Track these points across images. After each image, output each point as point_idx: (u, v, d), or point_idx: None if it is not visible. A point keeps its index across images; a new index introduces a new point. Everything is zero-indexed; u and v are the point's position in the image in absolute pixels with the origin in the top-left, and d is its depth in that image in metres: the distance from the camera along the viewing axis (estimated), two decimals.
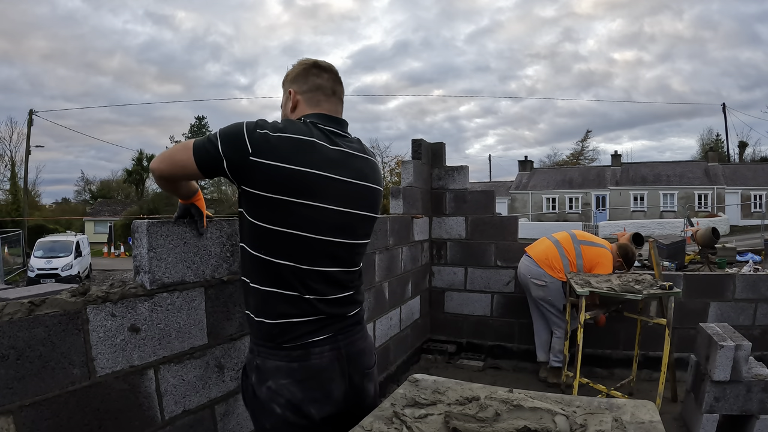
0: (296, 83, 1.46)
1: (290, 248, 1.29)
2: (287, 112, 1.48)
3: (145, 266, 1.56)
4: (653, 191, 31.38)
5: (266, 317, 1.33)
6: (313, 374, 1.33)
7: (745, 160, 37.86)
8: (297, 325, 1.32)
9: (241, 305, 1.94)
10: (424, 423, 1.14)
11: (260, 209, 1.28)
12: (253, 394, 1.36)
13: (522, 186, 35.36)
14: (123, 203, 39.54)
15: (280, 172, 1.24)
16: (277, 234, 1.28)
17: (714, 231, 5.22)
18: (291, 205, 1.26)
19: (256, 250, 1.31)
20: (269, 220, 1.27)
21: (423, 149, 4.48)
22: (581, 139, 48.02)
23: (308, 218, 1.29)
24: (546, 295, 3.84)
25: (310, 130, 1.32)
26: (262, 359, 1.34)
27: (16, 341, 1.23)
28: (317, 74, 1.44)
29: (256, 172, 1.24)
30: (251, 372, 1.37)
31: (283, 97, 1.52)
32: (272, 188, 1.25)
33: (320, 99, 1.43)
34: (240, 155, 1.24)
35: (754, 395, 2.72)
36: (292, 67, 1.50)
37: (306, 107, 1.43)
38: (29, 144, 26.51)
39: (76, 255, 16.57)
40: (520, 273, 4.03)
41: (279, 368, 1.31)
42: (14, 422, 1.22)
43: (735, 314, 3.81)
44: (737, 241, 12.93)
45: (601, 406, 1.21)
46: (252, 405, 1.39)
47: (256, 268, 1.33)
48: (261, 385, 1.33)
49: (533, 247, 4.07)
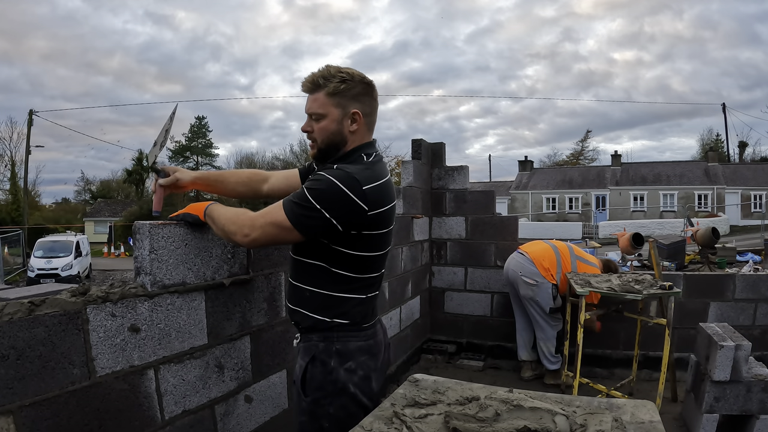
0: (361, 103, 1.43)
1: (374, 264, 1.50)
2: (345, 130, 1.42)
3: (147, 268, 1.57)
4: (653, 191, 31.38)
5: (352, 316, 1.49)
6: (379, 347, 1.56)
7: (745, 160, 37.85)
8: (369, 311, 1.54)
9: (241, 305, 1.94)
10: (424, 423, 1.14)
11: (361, 243, 1.42)
12: (325, 378, 1.45)
13: (522, 186, 35.36)
14: (123, 203, 39.52)
15: (386, 214, 1.43)
16: (371, 258, 1.47)
17: (714, 231, 5.22)
18: (385, 234, 1.48)
19: (345, 269, 1.46)
20: (368, 249, 1.45)
21: (423, 149, 4.48)
22: (581, 139, 48.07)
23: (388, 237, 1.52)
24: (534, 295, 3.80)
25: (384, 167, 1.46)
26: (343, 343, 1.47)
27: (16, 341, 1.23)
28: (376, 97, 1.49)
29: (371, 221, 1.39)
30: (330, 357, 1.46)
31: (332, 110, 1.41)
32: (379, 227, 1.43)
33: (374, 122, 1.51)
34: (358, 215, 1.35)
35: (754, 395, 2.72)
36: (341, 80, 1.39)
37: (365, 129, 1.47)
38: (29, 144, 26.52)
39: (76, 255, 16.58)
40: (510, 269, 3.96)
41: (360, 348, 1.49)
42: (14, 422, 1.22)
43: (735, 314, 3.81)
44: (737, 241, 12.93)
45: (601, 406, 1.21)
46: (321, 389, 1.45)
47: (342, 281, 1.47)
48: (341, 366, 1.45)
49: (529, 246, 4.03)
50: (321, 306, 1.48)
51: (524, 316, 3.99)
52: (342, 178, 1.32)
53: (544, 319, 3.82)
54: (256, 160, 45.71)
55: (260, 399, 2.05)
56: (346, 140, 1.44)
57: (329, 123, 1.42)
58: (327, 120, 1.42)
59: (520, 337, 4.06)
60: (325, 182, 1.32)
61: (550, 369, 3.87)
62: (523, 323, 4.02)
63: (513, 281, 3.94)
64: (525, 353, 4.03)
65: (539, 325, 3.86)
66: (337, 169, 1.36)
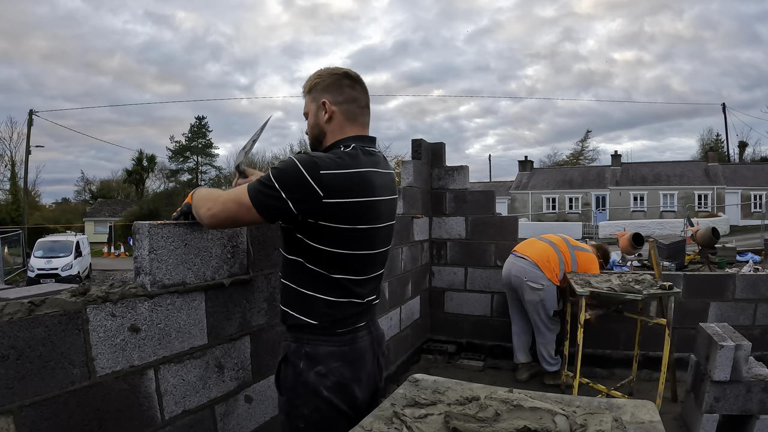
0: (329, 93, 1.45)
1: (350, 265, 1.43)
2: (321, 121, 1.47)
3: (146, 268, 1.57)
4: (653, 191, 31.38)
5: (319, 317, 1.43)
6: (359, 355, 1.48)
7: (745, 160, 37.86)
8: (348, 315, 1.47)
9: (241, 306, 1.94)
10: (424, 423, 1.14)
11: (325, 237, 1.37)
12: (296, 379, 1.43)
13: (522, 186, 35.36)
14: (123, 203, 39.54)
15: (348, 206, 1.35)
16: (339, 255, 1.40)
17: (714, 231, 5.21)
18: (354, 230, 1.39)
19: (315, 266, 1.41)
20: (334, 245, 1.38)
21: (423, 149, 4.48)
22: (581, 139, 48.08)
23: (367, 238, 1.43)
24: (541, 299, 3.71)
25: (362, 160, 1.40)
26: (313, 346, 1.43)
27: (16, 341, 1.23)
28: (351, 85, 1.47)
29: (327, 211, 1.33)
30: (299, 359, 1.43)
31: (311, 105, 1.49)
32: (340, 220, 1.35)
33: (356, 112, 1.48)
34: (312, 200, 1.30)
35: (754, 395, 2.72)
36: (317, 75, 1.48)
37: (343, 119, 1.46)
38: (29, 144, 26.55)
39: (76, 255, 16.59)
40: (512, 275, 3.84)
41: (332, 353, 1.43)
42: (14, 422, 1.22)
43: (735, 314, 3.81)
44: (737, 241, 12.93)
45: (601, 406, 1.21)
46: (293, 391, 1.44)
47: (312, 279, 1.43)
48: (310, 370, 1.42)
49: (527, 248, 3.91)
50: (290, 301, 1.47)
51: (523, 319, 3.96)
52: (303, 160, 1.31)
53: (545, 324, 3.77)
54: (256, 160, 45.69)
55: (260, 399, 2.05)
56: (324, 131, 1.48)
57: (311, 118, 1.50)
58: (309, 116, 1.51)
59: (518, 340, 4.01)
60: (286, 162, 1.33)
61: (550, 371, 3.85)
62: (522, 326, 3.99)
63: (516, 287, 3.83)
64: (523, 356, 4.00)
65: (540, 331, 3.81)
66: (303, 153, 1.36)
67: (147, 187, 43.85)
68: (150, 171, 43.85)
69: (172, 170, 43.63)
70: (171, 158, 43.40)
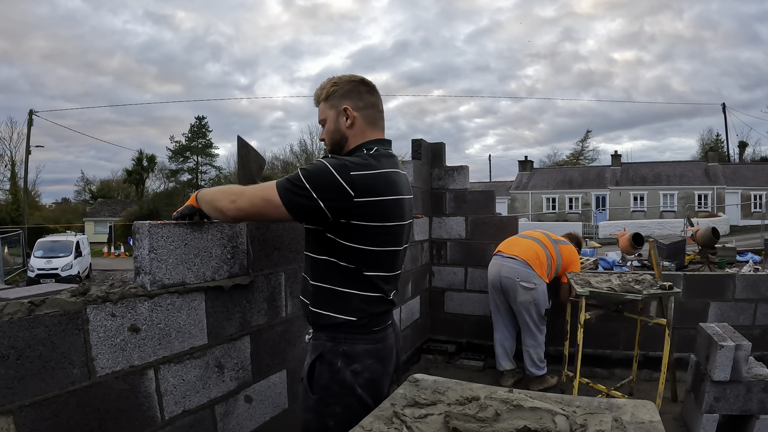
0: (350, 100, 1.51)
1: (381, 261, 1.49)
2: (342, 127, 1.51)
3: (146, 267, 1.57)
4: (653, 191, 31.38)
5: (356, 312, 1.48)
6: (389, 352, 1.56)
7: (745, 160, 37.85)
8: (380, 312, 1.53)
9: (241, 306, 1.94)
10: (424, 423, 1.14)
11: (356, 235, 1.42)
12: (332, 378, 1.45)
13: (522, 186, 35.36)
14: (123, 203, 39.54)
15: (378, 205, 1.41)
16: (371, 252, 1.46)
17: (714, 231, 5.21)
18: (384, 228, 1.45)
19: (349, 263, 1.46)
20: (366, 242, 1.44)
21: (423, 149, 4.48)
22: (581, 139, 48.10)
23: (394, 235, 1.49)
24: (534, 299, 3.62)
25: (384, 162, 1.46)
26: (350, 345, 1.47)
27: (16, 341, 1.23)
28: (369, 92, 1.54)
29: (358, 210, 1.38)
30: (336, 358, 1.46)
31: (329, 112, 1.53)
32: (371, 218, 1.41)
33: (375, 116, 1.55)
34: (343, 200, 1.35)
35: (754, 395, 2.72)
36: (333, 83, 1.53)
37: (364, 124, 1.52)
38: (29, 144, 26.54)
39: (76, 255, 16.58)
40: (503, 276, 3.69)
41: (367, 351, 1.48)
42: (14, 422, 1.22)
43: (735, 314, 3.81)
44: (737, 241, 12.93)
45: (601, 406, 1.21)
46: (327, 389, 1.46)
47: (347, 277, 1.47)
48: (347, 368, 1.46)
49: (512, 247, 3.79)
50: (325, 301, 1.49)
51: (509, 324, 3.84)
52: (332, 163, 1.37)
53: (537, 325, 3.69)
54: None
55: (260, 399, 2.05)
56: (345, 136, 1.52)
57: (330, 124, 1.54)
58: (328, 123, 1.54)
59: (501, 348, 3.88)
60: (317, 165, 1.38)
61: (538, 375, 3.73)
62: (506, 333, 3.86)
63: (507, 289, 3.69)
64: (508, 363, 3.88)
65: (531, 332, 3.70)
66: (332, 158, 1.42)
67: (147, 187, 43.87)
68: (150, 171, 43.86)
69: (172, 170, 43.64)
70: (171, 158, 43.42)
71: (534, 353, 3.71)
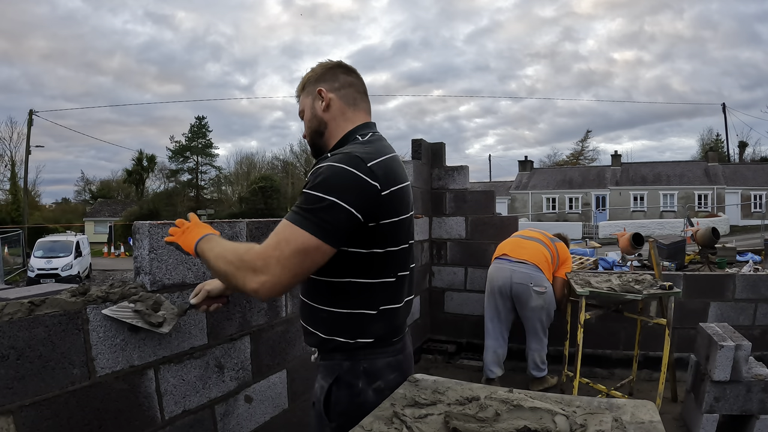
0: (324, 82, 1.35)
1: (399, 262, 1.30)
2: (318, 112, 1.35)
3: (146, 267, 1.57)
4: (653, 191, 31.38)
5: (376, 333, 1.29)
6: (409, 360, 1.41)
7: (745, 160, 37.85)
8: (402, 323, 1.37)
9: (241, 305, 1.94)
10: (424, 423, 1.14)
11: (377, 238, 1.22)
12: (352, 401, 1.27)
13: (522, 186, 35.36)
14: (123, 203, 39.53)
15: (398, 194, 1.23)
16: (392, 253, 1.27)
17: (714, 231, 5.21)
18: (402, 221, 1.27)
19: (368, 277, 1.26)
20: (388, 243, 1.25)
21: (423, 149, 4.48)
22: (581, 139, 48.12)
23: (408, 227, 1.32)
24: (545, 303, 3.56)
25: (385, 146, 1.29)
26: (370, 361, 1.29)
27: (16, 341, 1.23)
28: (345, 72, 1.38)
29: (386, 204, 1.19)
30: (356, 379, 1.28)
31: (306, 101, 1.39)
32: (394, 212, 1.23)
33: (355, 96, 1.37)
34: (372, 196, 1.16)
35: (754, 395, 2.72)
36: (309, 71, 1.40)
37: (343, 105, 1.34)
38: (29, 144, 26.56)
39: (76, 255, 16.58)
40: (513, 282, 3.58)
41: (389, 364, 1.32)
42: (14, 422, 1.22)
43: (735, 314, 3.81)
44: (737, 241, 12.94)
45: (601, 406, 1.21)
46: (345, 416, 1.25)
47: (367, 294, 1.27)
48: (369, 387, 1.29)
49: (519, 250, 3.68)
50: (341, 328, 1.28)
51: (505, 330, 3.76)
52: (342, 159, 1.16)
53: (545, 329, 3.65)
54: (256, 160, 45.78)
55: (260, 399, 2.06)
56: (324, 121, 1.35)
57: (307, 113, 1.39)
58: (306, 112, 1.39)
59: (495, 354, 3.75)
60: (325, 170, 1.14)
61: (539, 377, 3.71)
62: (501, 340, 3.77)
63: (518, 295, 3.58)
64: (498, 369, 3.79)
65: (538, 337, 3.64)
66: (333, 155, 1.20)
67: (147, 187, 43.87)
68: (150, 171, 43.86)
69: (172, 170, 43.64)
70: (171, 158, 43.42)
71: (537, 356, 3.69)
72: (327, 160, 1.19)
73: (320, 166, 1.17)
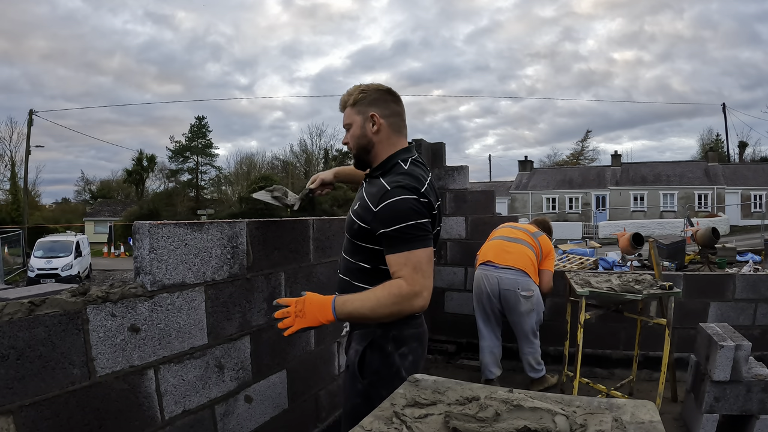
0: (377, 107, 1.60)
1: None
2: (368, 132, 1.60)
3: (146, 267, 1.57)
4: (653, 191, 31.38)
5: None
6: (425, 335, 1.69)
7: (745, 160, 37.85)
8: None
9: (241, 305, 1.94)
10: (424, 423, 1.14)
11: None
12: (383, 362, 1.56)
13: (522, 186, 35.37)
14: (123, 203, 39.52)
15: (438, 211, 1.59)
16: None
17: (714, 231, 5.22)
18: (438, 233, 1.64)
19: None
20: None
21: (423, 149, 4.48)
22: (581, 139, 48.09)
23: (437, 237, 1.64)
24: (533, 306, 3.57)
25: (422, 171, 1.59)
26: (398, 329, 1.57)
27: (16, 341, 1.23)
28: (394, 101, 1.64)
29: (434, 219, 1.54)
30: (387, 342, 1.56)
31: (356, 117, 1.61)
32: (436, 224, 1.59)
33: (400, 125, 1.65)
34: (430, 216, 1.50)
35: (754, 395, 2.72)
36: (361, 90, 1.61)
37: (390, 131, 1.61)
38: (29, 144, 26.56)
39: (76, 255, 16.58)
40: (501, 288, 3.56)
41: (413, 335, 1.61)
42: (14, 422, 1.22)
43: (735, 314, 3.81)
44: (737, 241, 12.95)
45: (601, 406, 1.21)
46: (377, 374, 1.56)
47: None
48: (396, 352, 1.57)
49: (504, 255, 3.64)
50: None
51: (498, 330, 3.78)
52: (407, 189, 1.47)
53: (534, 332, 3.65)
54: (256, 160, 45.74)
55: (260, 399, 2.06)
56: (372, 142, 1.60)
57: (355, 129, 1.62)
58: (354, 127, 1.62)
59: (492, 355, 3.76)
60: (401, 203, 1.46)
61: (537, 377, 3.71)
62: (496, 339, 3.79)
63: (507, 300, 3.58)
64: (497, 369, 3.80)
65: (529, 340, 3.64)
66: (394, 189, 1.48)
67: (147, 187, 43.85)
68: (150, 171, 43.84)
69: (172, 170, 43.61)
70: (171, 158, 43.39)
71: (532, 358, 3.69)
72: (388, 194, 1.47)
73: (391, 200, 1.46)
